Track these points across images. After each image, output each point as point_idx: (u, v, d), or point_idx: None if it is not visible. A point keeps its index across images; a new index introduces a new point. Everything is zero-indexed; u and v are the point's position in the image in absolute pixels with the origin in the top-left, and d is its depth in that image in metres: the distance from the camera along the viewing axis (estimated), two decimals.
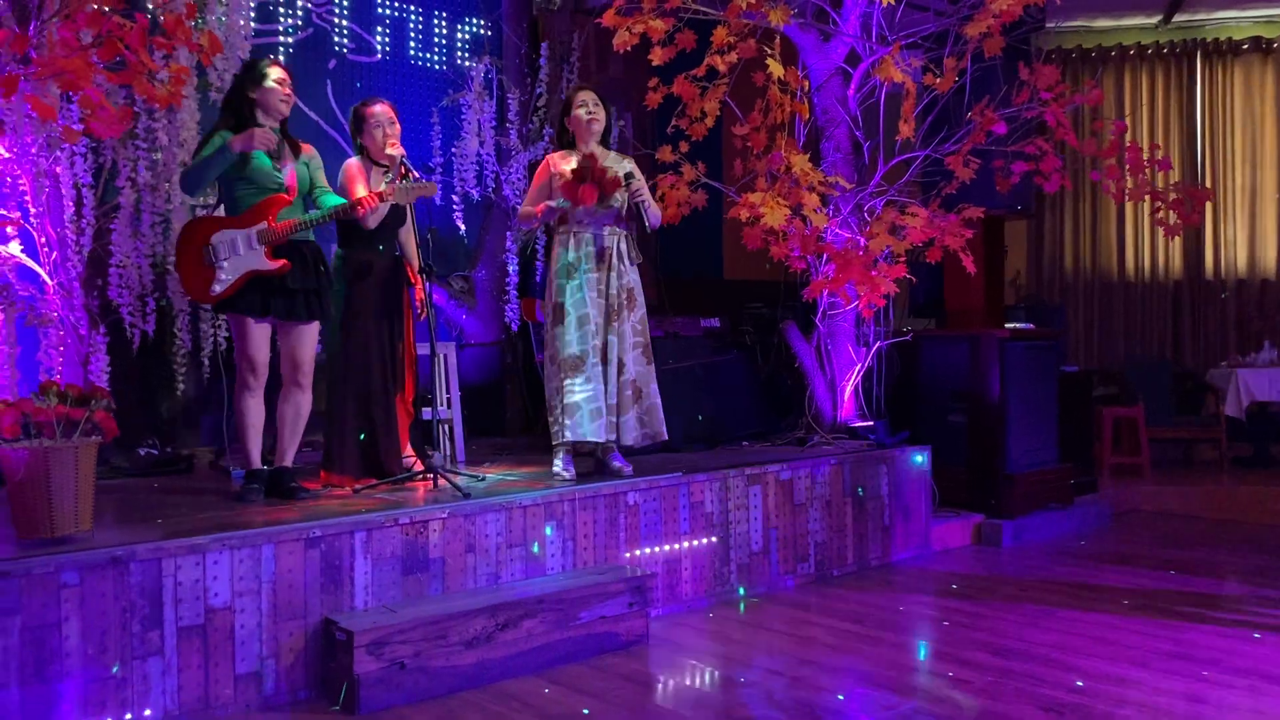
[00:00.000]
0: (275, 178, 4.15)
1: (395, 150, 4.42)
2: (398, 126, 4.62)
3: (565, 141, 4.76)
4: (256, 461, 4.26)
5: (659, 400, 4.70)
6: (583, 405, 4.50)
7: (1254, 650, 3.93)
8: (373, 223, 4.48)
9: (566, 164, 4.59)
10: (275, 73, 4.17)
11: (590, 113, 4.65)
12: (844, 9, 5.76)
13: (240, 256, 4.06)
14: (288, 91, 4.20)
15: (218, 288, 4.06)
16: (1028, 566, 5.35)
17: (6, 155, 4.43)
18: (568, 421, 4.50)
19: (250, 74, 4.16)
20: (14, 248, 4.83)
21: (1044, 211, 9.24)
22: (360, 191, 4.41)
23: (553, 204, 4.56)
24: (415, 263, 4.67)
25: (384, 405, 4.61)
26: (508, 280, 6.80)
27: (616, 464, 4.63)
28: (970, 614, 4.49)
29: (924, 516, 5.71)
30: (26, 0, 4.49)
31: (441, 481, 4.35)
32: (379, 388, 4.60)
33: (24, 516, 3.29)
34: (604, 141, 4.78)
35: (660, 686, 3.67)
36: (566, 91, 4.96)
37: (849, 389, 5.90)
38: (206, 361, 5.54)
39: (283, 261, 4.10)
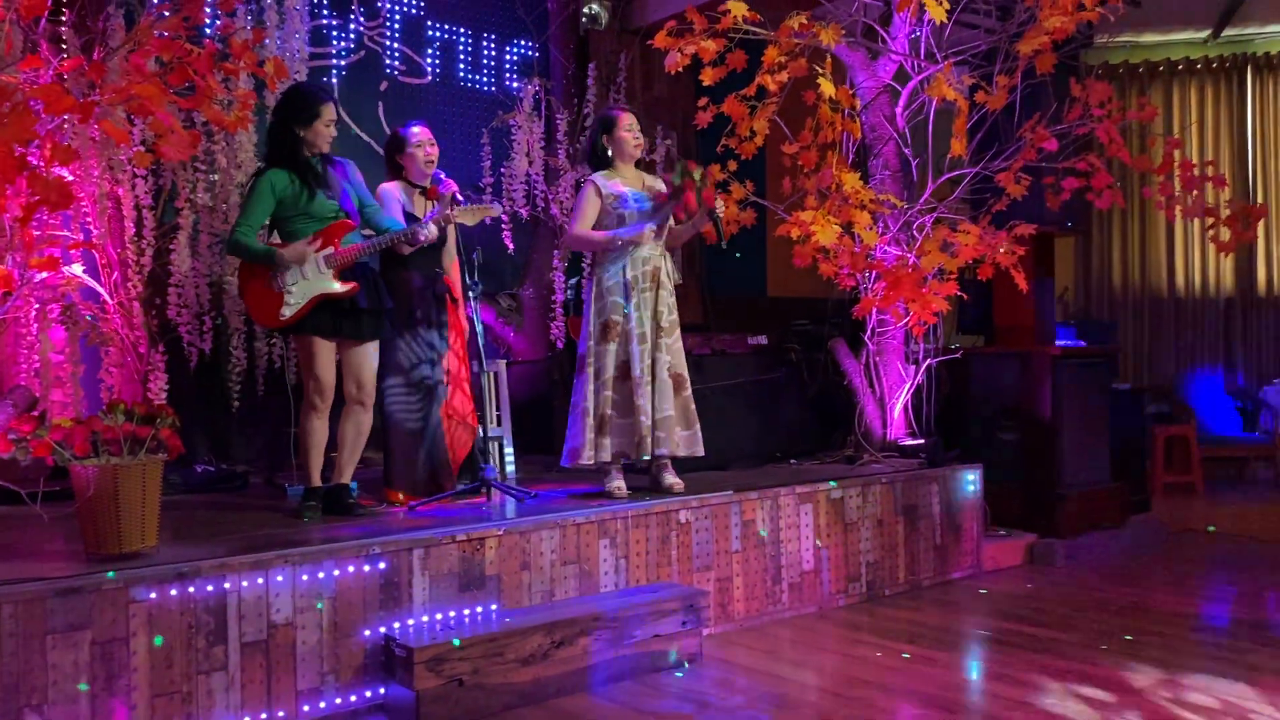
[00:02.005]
0: (332, 207, 4.22)
1: (447, 190, 4.44)
2: (436, 148, 4.68)
3: (599, 159, 4.76)
4: (317, 479, 4.31)
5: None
6: (639, 421, 4.51)
7: None
8: (408, 249, 4.55)
9: (624, 186, 4.63)
10: (328, 113, 4.17)
11: (637, 138, 4.70)
12: (893, 27, 5.77)
13: (308, 281, 4.13)
14: (334, 131, 4.23)
15: (287, 312, 4.12)
16: (1082, 587, 5.29)
17: (71, 179, 4.54)
18: (607, 439, 4.51)
19: (302, 113, 4.12)
20: (76, 268, 4.94)
21: (1092, 227, 9.16)
22: (399, 216, 4.46)
23: (645, 227, 4.55)
24: (457, 282, 4.73)
25: (431, 422, 4.65)
26: (554, 298, 6.86)
27: (669, 479, 4.64)
28: (1026, 635, 4.45)
29: (976, 536, 5.66)
30: (91, 28, 4.63)
31: (495, 496, 4.38)
32: (425, 405, 4.64)
33: (93, 533, 3.36)
34: (638, 164, 4.81)
35: (714, 706, 3.67)
36: (604, 109, 4.97)
37: (899, 407, 5.88)
38: (261, 379, 5.62)
39: (353, 284, 4.18)
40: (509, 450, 5.52)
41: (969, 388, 6.27)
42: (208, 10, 3.53)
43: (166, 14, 3.42)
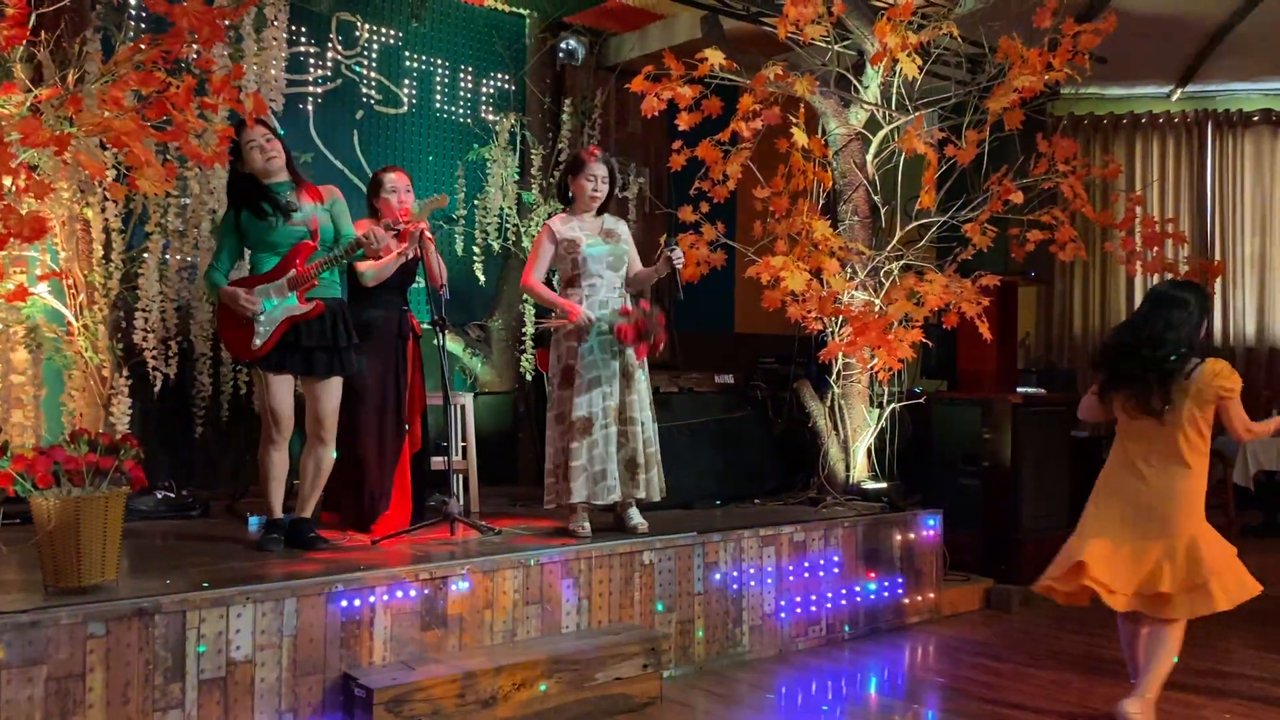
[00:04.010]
0: (299, 233, 4.21)
1: (415, 228, 4.46)
2: (412, 195, 4.72)
3: (565, 198, 4.80)
4: (278, 511, 4.29)
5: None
6: (601, 467, 4.53)
7: None
8: (371, 281, 4.57)
9: (579, 231, 4.66)
10: (245, 135, 4.10)
11: (596, 189, 4.71)
12: (865, 77, 5.86)
13: (274, 305, 4.12)
14: (266, 144, 4.14)
15: (258, 341, 4.11)
16: (1038, 634, 5.34)
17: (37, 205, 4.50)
18: (576, 484, 4.52)
19: (232, 147, 4.09)
20: (42, 290, 4.89)
21: (1054, 277, 9.30)
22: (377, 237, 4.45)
23: (582, 315, 4.57)
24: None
25: (386, 455, 4.67)
26: (523, 330, 6.87)
27: (635, 520, 4.65)
28: (982, 683, 4.49)
29: (935, 580, 5.71)
30: (68, 50, 4.60)
31: (459, 531, 4.38)
32: (379, 439, 4.67)
33: (52, 565, 3.32)
34: (602, 209, 4.83)
35: None
36: (578, 149, 5.01)
37: (862, 449, 5.93)
38: (226, 406, 5.59)
39: (316, 302, 4.17)
40: (473, 482, 5.50)
41: (931, 432, 6.33)
42: (188, 40, 3.51)
43: (144, 46, 3.41)
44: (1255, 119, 9.43)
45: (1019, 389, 6.77)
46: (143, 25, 5.25)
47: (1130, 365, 3.83)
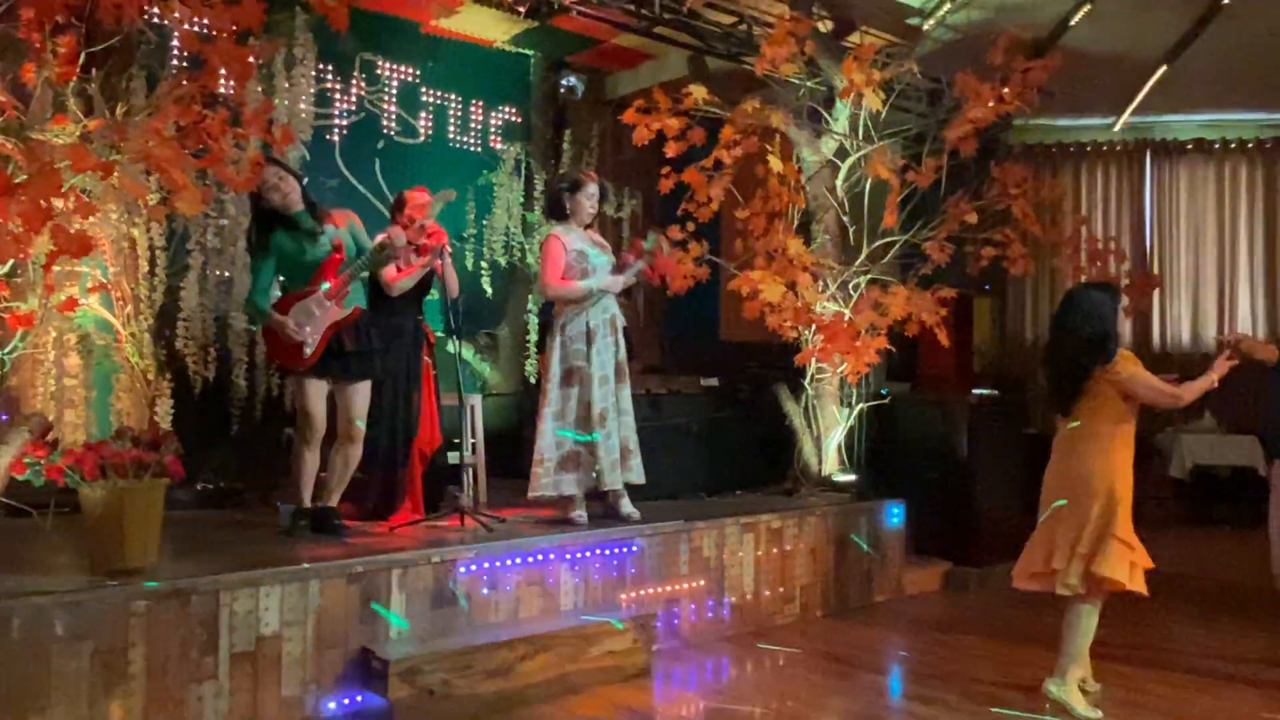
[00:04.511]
0: (324, 251, 4.22)
1: (435, 244, 4.48)
2: (432, 216, 4.71)
3: (559, 212, 4.74)
4: (307, 501, 4.29)
5: None
6: (607, 458, 4.52)
7: (1205, 700, 3.94)
8: (398, 291, 4.57)
9: (581, 241, 4.66)
10: (261, 179, 4.03)
11: (593, 207, 4.75)
12: (834, 110, 5.88)
13: (316, 319, 4.14)
14: (279, 183, 4.08)
15: (308, 351, 4.12)
16: (992, 611, 5.35)
17: (92, 220, 4.51)
18: (577, 474, 4.52)
19: (256, 194, 4.10)
20: (93, 301, 4.90)
21: (1006, 290, 9.31)
22: (395, 238, 4.45)
23: (618, 280, 4.63)
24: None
25: (395, 450, 4.66)
26: (527, 337, 6.89)
27: (628, 509, 4.65)
28: (941, 656, 4.50)
29: (899, 563, 5.72)
30: (115, 87, 4.61)
31: (468, 521, 4.38)
32: (391, 436, 4.66)
33: (99, 550, 3.32)
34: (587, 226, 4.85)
35: (660, 716, 3.68)
36: (577, 169, 5.03)
37: (833, 445, 5.94)
38: (260, 406, 5.59)
39: (355, 308, 4.20)
40: (482, 475, 5.50)
41: (896, 429, 6.34)
42: (222, 77, 3.52)
43: (185, 82, 3.42)
44: (1189, 148, 9.44)
45: (974, 391, 6.77)
46: (183, 63, 5.26)
47: (1057, 363, 3.83)
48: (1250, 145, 9.38)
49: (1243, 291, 9.31)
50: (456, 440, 4.95)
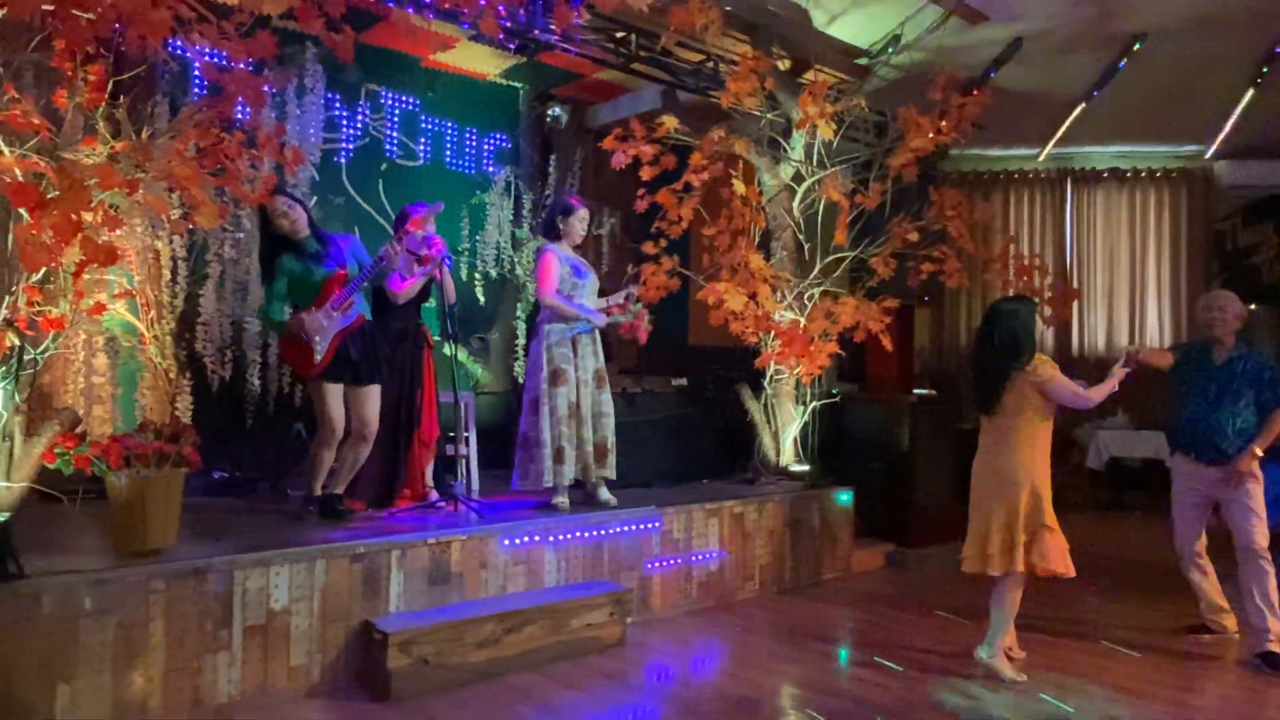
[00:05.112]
0: (327, 271, 4.17)
1: (437, 252, 4.45)
2: (433, 226, 4.68)
3: (553, 233, 4.74)
4: (318, 491, 4.24)
5: None
6: (572, 450, 4.51)
7: (1117, 667, 3.97)
8: (403, 299, 4.53)
9: (574, 259, 4.66)
10: (270, 209, 4.04)
11: (584, 229, 4.75)
12: (792, 139, 5.90)
13: (325, 329, 4.09)
14: (288, 210, 4.07)
15: (318, 357, 4.08)
16: (930, 588, 5.38)
17: (119, 232, 4.44)
18: (563, 465, 4.50)
19: (265, 220, 4.10)
20: (121, 307, 4.83)
21: (944, 300, 9.38)
22: (395, 250, 4.39)
23: (602, 319, 4.67)
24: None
25: (398, 443, 4.62)
26: (515, 341, 6.85)
27: (605, 496, 4.64)
28: (885, 627, 4.52)
29: (847, 544, 5.73)
30: (141, 112, 4.55)
31: (461, 507, 4.35)
32: (394, 430, 4.61)
33: (122, 533, 3.27)
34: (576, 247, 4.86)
35: (633, 682, 3.67)
36: (566, 195, 5.02)
37: (790, 439, 5.95)
38: (272, 403, 5.53)
39: (359, 315, 4.16)
40: (474, 466, 5.47)
41: (845, 425, 6.36)
42: (238, 103, 3.48)
43: (204, 108, 3.38)
44: (1105, 175, 9.56)
45: (914, 391, 6.82)
46: (202, 91, 5.20)
47: (980, 367, 3.86)
48: (1158, 174, 9.52)
49: (1151, 303, 9.43)
50: (452, 434, 4.92)
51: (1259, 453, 4.11)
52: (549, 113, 7.01)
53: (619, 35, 5.63)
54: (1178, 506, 4.41)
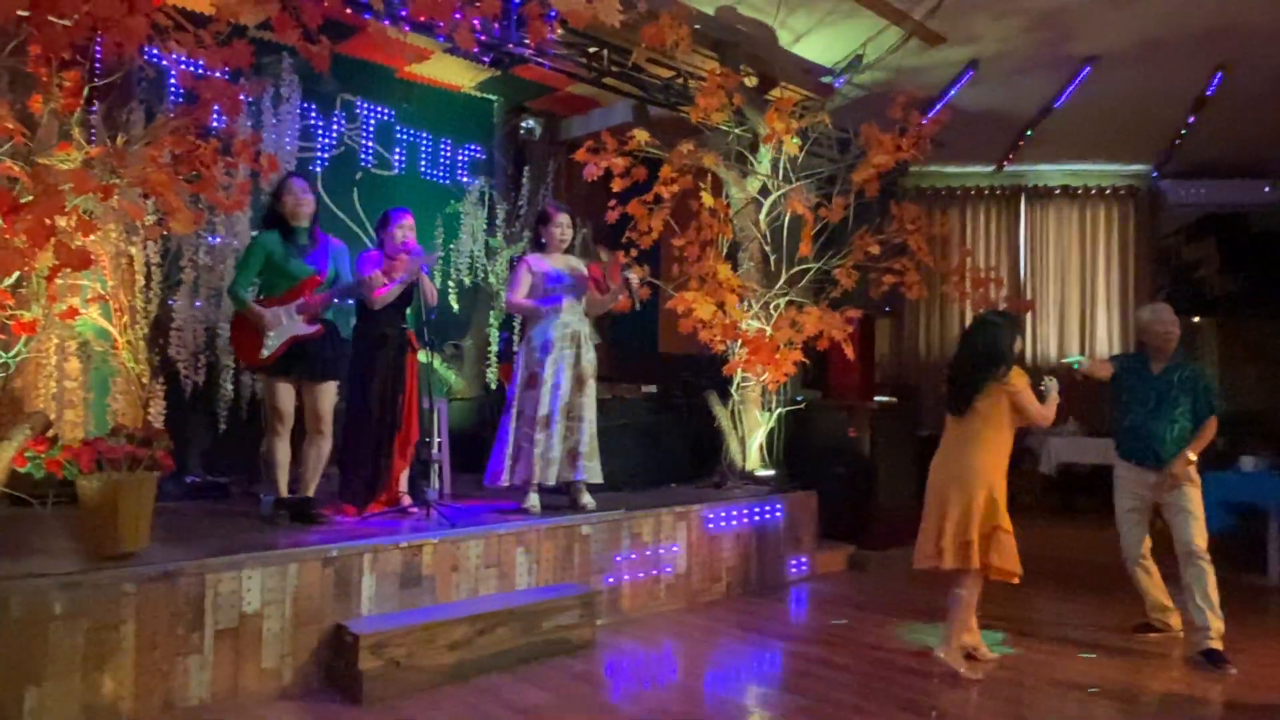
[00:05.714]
0: (308, 270, 4.14)
1: (416, 259, 4.42)
2: (414, 232, 4.65)
3: (537, 243, 4.77)
4: (284, 491, 4.18)
5: None
6: (550, 454, 4.49)
7: (1069, 665, 4.02)
8: (379, 305, 4.49)
9: (550, 265, 4.64)
10: (286, 185, 4.11)
11: (563, 234, 4.73)
12: (758, 154, 5.94)
13: (283, 327, 4.04)
14: (302, 195, 4.14)
15: (265, 353, 4.02)
16: (890, 588, 5.42)
17: (85, 241, 4.36)
18: (537, 467, 4.48)
19: (277, 190, 4.14)
20: (94, 312, 4.74)
21: (904, 311, 9.48)
22: (376, 278, 4.39)
23: (561, 300, 4.58)
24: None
25: (383, 447, 4.57)
26: (488, 348, 6.82)
27: (585, 500, 4.62)
28: (845, 625, 4.54)
29: (810, 546, 5.76)
30: (117, 118, 4.47)
31: (433, 511, 4.31)
32: (378, 433, 4.56)
33: (94, 536, 3.21)
34: (567, 250, 4.84)
35: (602, 682, 3.65)
36: (546, 203, 5.02)
37: (756, 444, 5.97)
38: (245, 408, 5.45)
39: (318, 327, 4.10)
40: (446, 470, 5.43)
41: (809, 431, 6.40)
42: (214, 111, 3.44)
43: (180, 115, 3.33)
44: (1057, 192, 9.74)
45: (875, 398, 6.87)
46: (178, 98, 5.13)
47: (958, 370, 3.91)
48: (1108, 191, 9.71)
49: (1100, 314, 9.60)
50: (428, 439, 4.88)
51: (1192, 458, 4.20)
52: (523, 125, 7.00)
53: (592, 50, 5.64)
54: (1121, 511, 4.49)
